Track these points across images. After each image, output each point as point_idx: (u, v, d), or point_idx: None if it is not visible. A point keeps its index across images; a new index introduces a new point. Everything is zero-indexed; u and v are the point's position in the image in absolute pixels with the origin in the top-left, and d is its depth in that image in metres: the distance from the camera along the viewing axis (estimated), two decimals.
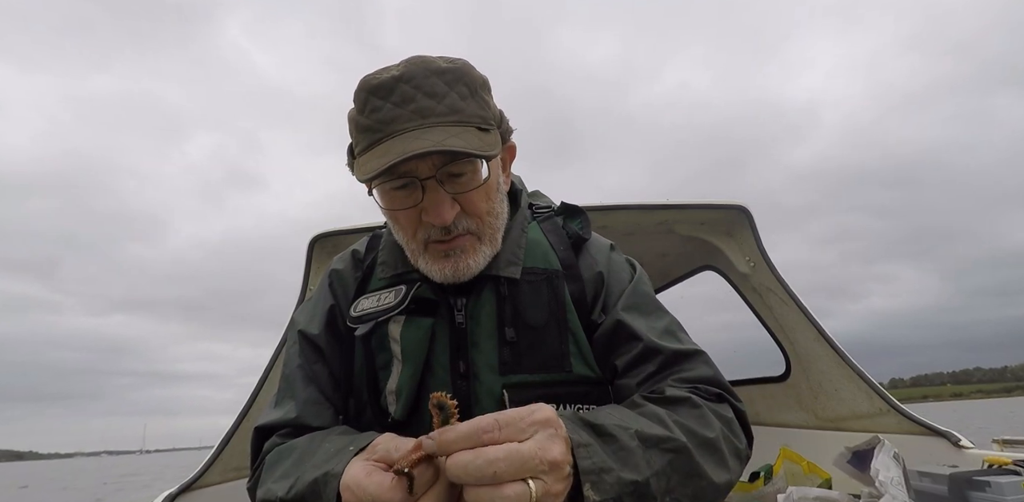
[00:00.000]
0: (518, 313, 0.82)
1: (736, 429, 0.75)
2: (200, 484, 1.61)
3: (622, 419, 0.64)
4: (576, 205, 0.98)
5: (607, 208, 2.04)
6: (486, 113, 0.79)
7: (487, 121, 0.79)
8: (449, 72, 0.77)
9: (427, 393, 0.76)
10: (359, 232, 1.99)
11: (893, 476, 1.26)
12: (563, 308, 0.83)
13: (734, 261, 2.21)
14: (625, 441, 0.60)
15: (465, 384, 0.80)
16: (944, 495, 1.28)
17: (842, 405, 2.00)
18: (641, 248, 2.39)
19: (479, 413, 0.75)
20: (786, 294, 2.07)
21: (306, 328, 0.90)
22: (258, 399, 1.85)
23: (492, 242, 0.83)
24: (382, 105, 0.76)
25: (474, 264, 0.80)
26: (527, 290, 0.84)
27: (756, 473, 1.76)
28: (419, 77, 0.76)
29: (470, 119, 0.76)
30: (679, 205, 2.08)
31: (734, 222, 2.18)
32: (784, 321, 2.19)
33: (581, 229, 0.93)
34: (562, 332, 0.82)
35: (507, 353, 0.80)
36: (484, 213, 0.81)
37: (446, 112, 0.75)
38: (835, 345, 1.96)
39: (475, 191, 0.78)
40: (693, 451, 0.64)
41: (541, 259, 0.87)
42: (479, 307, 0.83)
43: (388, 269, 0.89)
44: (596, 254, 0.91)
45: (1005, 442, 1.61)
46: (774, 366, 2.35)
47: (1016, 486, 1.19)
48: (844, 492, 1.38)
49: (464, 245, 0.80)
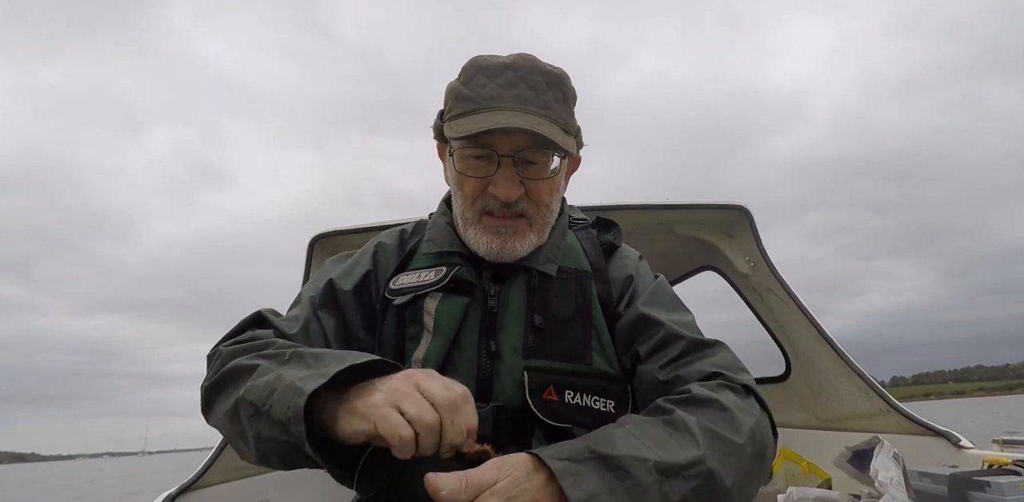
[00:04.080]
0: (546, 304, 0.87)
1: (765, 427, 0.74)
2: (200, 484, 1.61)
3: (642, 446, 0.63)
4: (610, 219, 1.06)
5: (607, 208, 2.04)
6: (571, 120, 0.87)
7: (570, 127, 0.87)
8: (551, 74, 0.85)
9: (451, 365, 0.83)
10: (359, 232, 1.99)
11: (893, 476, 1.26)
12: (589, 305, 0.88)
13: (734, 261, 2.21)
14: (640, 477, 0.59)
15: (489, 362, 0.84)
16: (944, 495, 1.28)
17: (842, 405, 2.00)
18: (641, 248, 2.36)
19: (499, 390, 0.81)
20: (786, 294, 2.07)
21: (337, 281, 0.93)
22: None
23: (540, 232, 0.89)
24: (487, 83, 0.83)
25: (519, 247, 0.86)
26: (557, 285, 0.89)
27: None
28: (525, 70, 0.83)
29: (558, 119, 0.84)
30: (679, 205, 2.08)
31: (734, 222, 2.18)
32: (784, 321, 2.19)
33: (614, 238, 1.00)
34: (586, 327, 0.86)
35: (532, 338, 0.84)
36: (543, 204, 0.87)
37: (541, 106, 0.83)
38: (835, 345, 1.96)
39: (542, 181, 0.85)
40: (720, 470, 0.63)
41: (573, 261, 0.93)
42: (511, 295, 0.88)
43: (434, 246, 0.93)
44: (626, 260, 0.97)
45: (1005, 442, 1.61)
46: (774, 366, 2.35)
47: (1016, 486, 1.19)
48: (844, 492, 1.38)
49: (518, 226, 0.86)
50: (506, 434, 0.79)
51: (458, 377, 0.81)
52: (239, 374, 0.69)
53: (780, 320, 2.21)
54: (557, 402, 0.80)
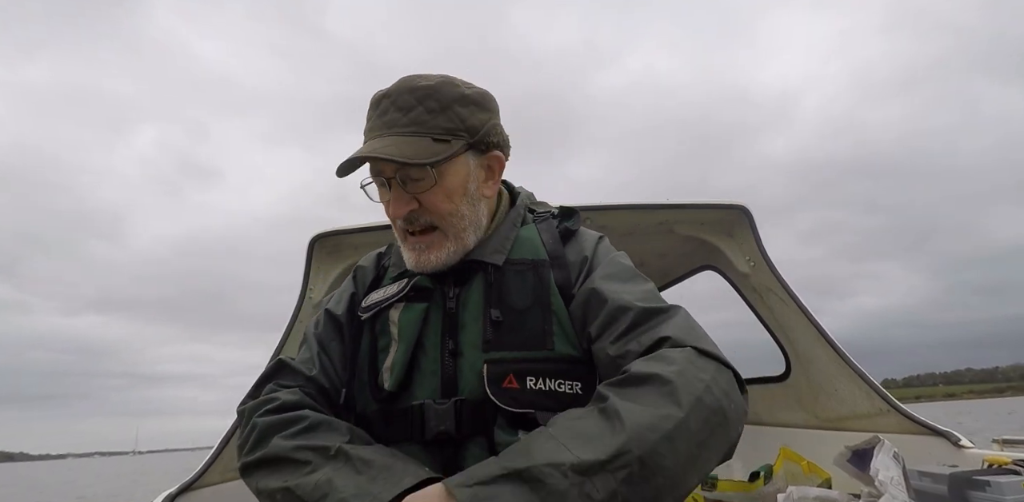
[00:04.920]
0: (503, 297, 0.89)
1: (719, 388, 0.71)
2: (200, 484, 1.61)
3: (561, 448, 0.62)
4: (572, 207, 1.06)
5: (607, 208, 2.04)
6: (453, 125, 0.88)
7: (452, 132, 0.88)
8: (422, 89, 0.88)
9: (417, 369, 0.87)
10: (358, 232, 1.99)
11: (893, 476, 1.26)
12: (547, 291, 0.89)
13: (734, 261, 2.21)
14: (555, 483, 0.59)
15: (452, 360, 0.87)
16: (944, 495, 1.29)
17: (842, 405, 2.00)
18: (641, 248, 2.39)
19: (463, 386, 0.84)
20: (786, 294, 2.07)
21: (332, 309, 1.01)
22: None
23: (458, 238, 0.91)
24: (371, 116, 0.90)
25: (435, 258, 0.90)
26: (513, 277, 0.91)
27: (756, 473, 1.76)
28: (395, 94, 0.88)
29: (429, 130, 0.86)
30: (679, 205, 2.08)
31: (734, 222, 2.18)
32: (784, 321, 2.19)
33: (571, 224, 1.01)
34: (545, 314, 0.87)
35: (491, 332, 0.86)
36: (445, 213, 0.89)
37: (407, 124, 0.86)
38: (835, 345, 1.96)
39: (431, 193, 0.88)
40: (654, 453, 0.62)
41: (530, 252, 0.95)
42: (470, 294, 0.91)
43: (395, 269, 1.00)
44: (584, 242, 0.98)
45: (1005, 442, 1.61)
46: (774, 366, 2.35)
47: (1016, 486, 1.19)
48: (844, 492, 1.38)
49: (431, 239, 0.91)
50: (468, 426, 0.81)
51: (424, 379, 0.87)
52: (285, 464, 0.75)
53: (780, 320, 2.21)
54: (518, 389, 0.82)
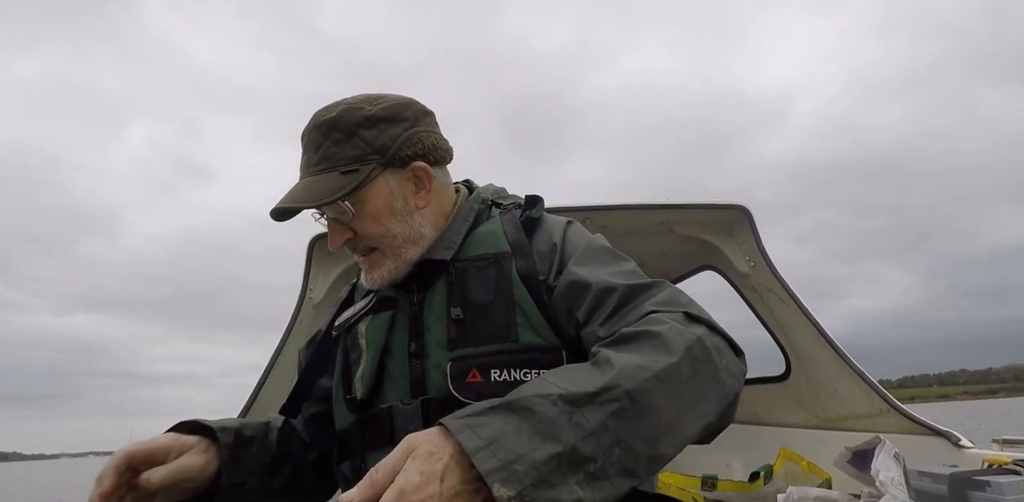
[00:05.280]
0: (464, 294, 0.90)
1: (710, 343, 0.70)
2: None
3: (550, 384, 0.61)
4: (536, 195, 1.06)
5: (607, 208, 2.04)
6: (360, 152, 0.90)
7: (359, 159, 0.90)
8: (326, 123, 0.89)
9: (387, 374, 0.89)
10: None
11: (893, 476, 1.26)
12: (509, 283, 0.89)
13: (734, 261, 2.21)
14: (544, 412, 0.57)
15: (419, 362, 0.88)
16: (944, 495, 1.29)
17: (842, 405, 2.00)
18: (641, 248, 2.39)
19: (430, 386, 0.85)
20: (786, 294, 2.07)
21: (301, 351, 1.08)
22: (258, 399, 1.85)
23: (396, 257, 0.94)
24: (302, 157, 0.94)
25: (379, 276, 0.94)
26: (474, 274, 0.91)
27: (756, 473, 1.76)
28: (307, 132, 0.91)
29: (337, 164, 0.89)
30: (679, 205, 2.08)
31: (734, 222, 2.18)
32: (784, 321, 2.19)
33: (533, 212, 0.99)
34: (508, 306, 0.87)
35: (454, 330, 0.87)
36: (378, 236, 0.93)
37: (317, 162, 0.89)
38: (835, 345, 1.96)
39: (358, 221, 0.91)
40: (643, 390, 0.61)
41: (492, 246, 0.94)
42: (432, 296, 0.92)
43: (363, 290, 1.04)
44: (550, 230, 0.96)
45: (1005, 442, 1.61)
46: (774, 366, 2.35)
47: (1016, 486, 1.19)
48: (844, 492, 1.38)
49: (373, 260, 0.95)
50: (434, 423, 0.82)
51: (393, 383, 0.88)
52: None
53: (780, 320, 2.21)
54: (481, 382, 0.82)
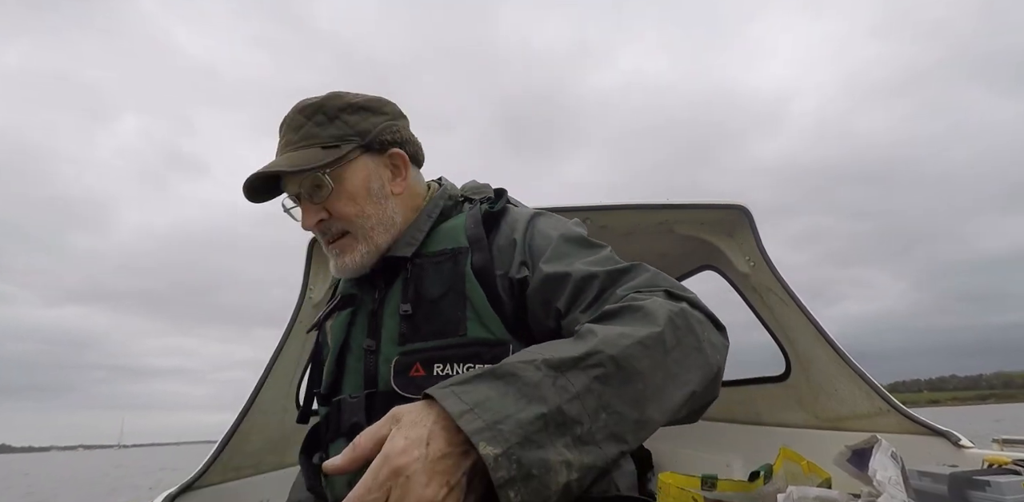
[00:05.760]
0: (418, 290, 0.91)
1: (692, 314, 0.71)
2: (200, 484, 1.61)
3: (533, 353, 0.62)
4: (501, 188, 1.07)
5: (607, 208, 2.04)
6: (342, 132, 0.92)
7: (341, 138, 0.92)
8: (310, 107, 0.92)
9: (346, 369, 0.93)
10: None
11: (891, 475, 1.26)
12: (462, 278, 0.90)
13: (734, 261, 2.21)
14: (528, 376, 0.57)
15: (373, 357, 0.90)
16: (944, 495, 1.28)
17: (842, 405, 2.00)
18: (641, 248, 2.39)
19: (380, 380, 0.88)
20: (786, 294, 2.06)
21: None
22: (259, 398, 1.85)
23: (368, 240, 0.94)
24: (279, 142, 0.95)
25: (350, 261, 0.93)
26: (430, 269, 0.93)
27: (756, 473, 1.76)
28: (289, 117, 0.93)
29: (318, 141, 0.91)
30: (679, 205, 2.08)
31: (734, 222, 2.18)
32: (784, 321, 2.18)
33: (493, 206, 0.99)
34: (459, 301, 0.88)
35: (404, 326, 0.89)
36: (352, 216, 0.93)
37: (299, 139, 0.91)
38: (835, 345, 1.95)
39: (334, 198, 0.91)
40: (627, 355, 0.61)
41: (451, 241, 0.95)
42: (391, 293, 0.94)
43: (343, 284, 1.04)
44: (512, 223, 0.96)
45: (1005, 442, 1.61)
46: (774, 366, 2.35)
47: (1016, 486, 1.19)
48: (844, 492, 1.38)
49: (344, 244, 0.94)
50: (379, 416, 0.84)
51: (350, 378, 0.92)
52: None
53: (780, 320, 2.20)
54: (423, 376, 0.84)
